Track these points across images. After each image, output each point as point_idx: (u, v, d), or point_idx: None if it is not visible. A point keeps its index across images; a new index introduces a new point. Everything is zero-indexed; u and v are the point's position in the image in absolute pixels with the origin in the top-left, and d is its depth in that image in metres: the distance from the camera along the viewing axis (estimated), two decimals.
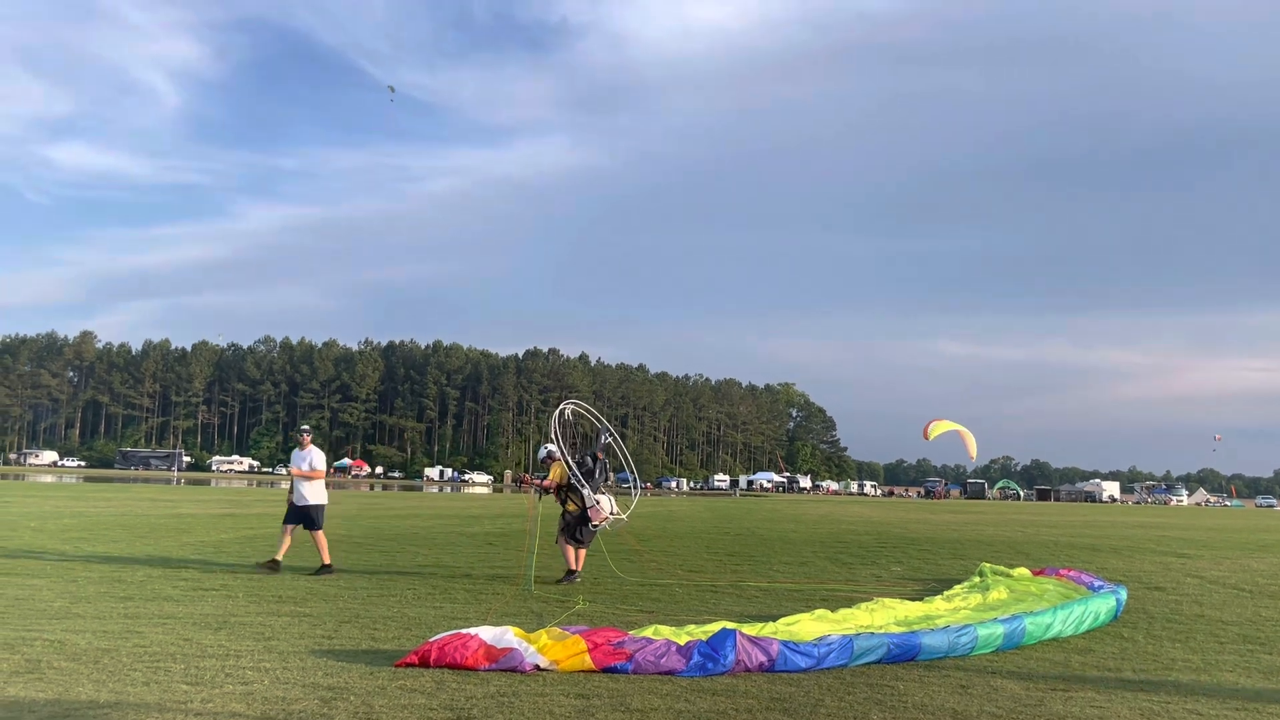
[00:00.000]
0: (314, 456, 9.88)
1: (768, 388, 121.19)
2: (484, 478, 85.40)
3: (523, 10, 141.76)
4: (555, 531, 9.30)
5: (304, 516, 9.56)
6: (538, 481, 9.15)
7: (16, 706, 3.85)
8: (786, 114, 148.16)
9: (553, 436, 8.57)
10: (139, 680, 4.34)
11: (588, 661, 4.63)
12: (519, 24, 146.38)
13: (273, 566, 9.41)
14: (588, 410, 9.84)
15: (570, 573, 8.85)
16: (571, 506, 8.78)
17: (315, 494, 9.70)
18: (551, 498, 9.12)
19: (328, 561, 9.40)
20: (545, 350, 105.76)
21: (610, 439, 9.38)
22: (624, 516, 8.78)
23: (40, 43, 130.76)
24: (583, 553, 9.09)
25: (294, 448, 10.37)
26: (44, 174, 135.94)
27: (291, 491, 9.82)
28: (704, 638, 4.90)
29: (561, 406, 9.10)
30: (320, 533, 9.53)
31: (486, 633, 4.73)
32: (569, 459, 8.60)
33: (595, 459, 9.04)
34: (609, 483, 9.49)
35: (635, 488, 10.82)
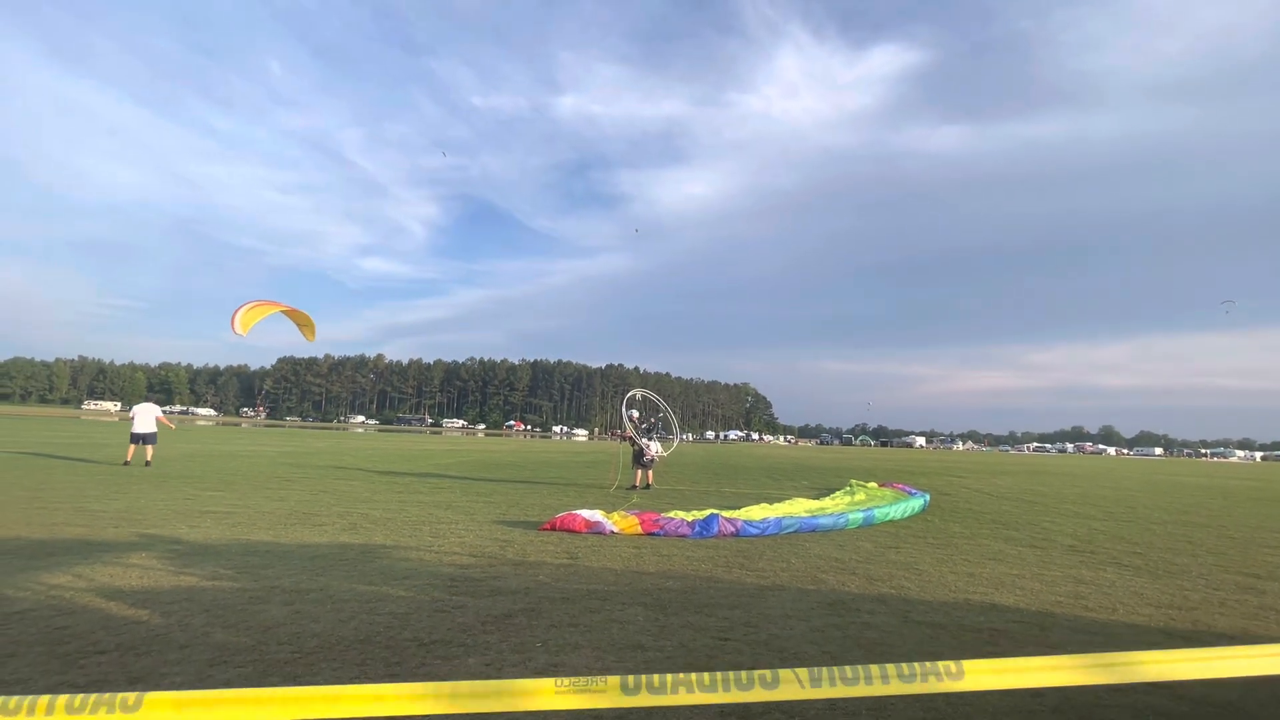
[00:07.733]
0: (156, 410, 16.22)
1: (735, 385, 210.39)
2: (583, 432, 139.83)
3: (600, 188, 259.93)
4: (631, 461, 14.94)
5: (142, 438, 15.64)
6: (620, 433, 15.28)
7: (343, 546, 7.41)
8: (737, 238, 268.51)
9: (623, 411, 14.55)
10: (407, 534, 8.06)
11: (639, 529, 8.31)
12: (598, 195, 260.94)
13: (126, 465, 15.06)
14: (651, 394, 16.35)
15: (634, 486, 14.35)
16: (636, 448, 14.38)
17: (149, 427, 15.79)
18: (627, 443, 14.92)
19: (149, 460, 15.40)
20: (616, 364, 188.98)
21: (665, 412, 15.95)
22: (665, 454, 14.62)
23: (359, 209, 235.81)
24: (650, 474, 14.69)
25: (139, 401, 17.09)
26: (357, 273, 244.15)
27: (133, 424, 15.79)
28: (701, 517, 8.60)
29: (633, 392, 13.95)
30: (152, 446, 15.81)
31: (586, 513, 8.46)
32: (634, 423, 14.19)
33: (650, 422, 14.96)
34: (658, 435, 15.47)
35: (676, 438, 18.59)
